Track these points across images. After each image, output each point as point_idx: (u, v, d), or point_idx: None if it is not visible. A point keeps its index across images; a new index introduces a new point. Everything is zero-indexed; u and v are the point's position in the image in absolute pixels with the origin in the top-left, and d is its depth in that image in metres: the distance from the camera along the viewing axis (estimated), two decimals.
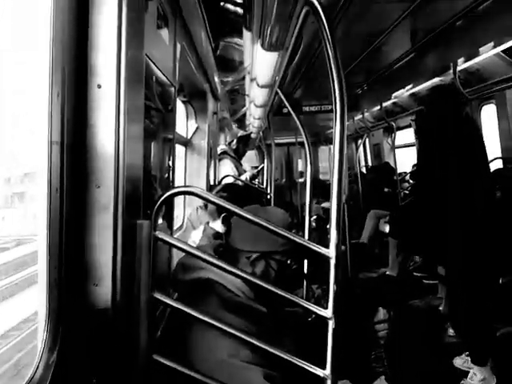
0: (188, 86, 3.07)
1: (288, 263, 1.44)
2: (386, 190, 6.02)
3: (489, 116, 4.11)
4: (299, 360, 1.09)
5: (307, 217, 2.30)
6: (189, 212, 2.73)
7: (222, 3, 2.75)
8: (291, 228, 1.55)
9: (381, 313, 3.91)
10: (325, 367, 1.07)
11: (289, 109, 2.43)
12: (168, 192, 1.15)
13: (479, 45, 3.13)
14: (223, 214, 2.03)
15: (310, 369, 1.08)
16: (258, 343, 1.10)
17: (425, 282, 4.45)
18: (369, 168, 7.85)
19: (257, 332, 1.23)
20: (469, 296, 2.56)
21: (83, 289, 1.03)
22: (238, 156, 4.98)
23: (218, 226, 2.06)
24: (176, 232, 2.59)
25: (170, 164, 1.85)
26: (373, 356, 3.06)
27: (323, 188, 6.83)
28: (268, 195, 4.48)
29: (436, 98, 2.89)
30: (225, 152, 4.68)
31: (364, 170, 7.72)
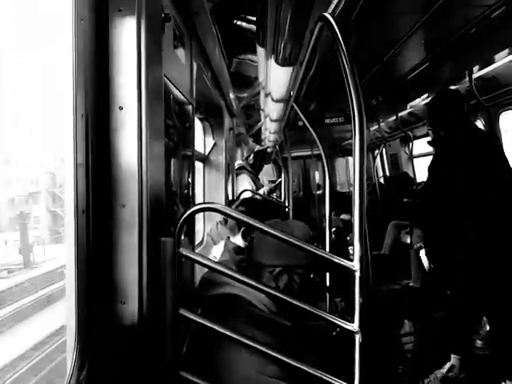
0: (204, 104, 3.12)
1: (311, 277, 1.43)
2: (406, 201, 5.94)
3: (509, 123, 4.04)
4: (326, 375, 1.08)
5: (327, 229, 2.29)
6: (209, 227, 2.74)
7: (236, 21, 2.79)
8: (312, 241, 1.54)
9: (406, 325, 3.82)
10: (353, 382, 1.06)
11: (305, 122, 2.44)
12: (191, 209, 1.16)
13: (495, 51, 3.10)
14: (242, 228, 2.03)
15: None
16: (285, 358, 1.09)
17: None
18: (387, 178, 7.77)
19: (282, 346, 1.22)
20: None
21: (111, 307, 1.04)
22: (256, 170, 5.01)
23: (239, 241, 2.06)
24: (197, 247, 2.60)
25: (190, 180, 1.88)
26: (400, 370, 2.99)
27: (341, 199, 6.77)
28: (286, 208, 4.47)
29: (440, 107, 2.86)
30: (242, 167, 4.71)
31: (382, 181, 7.65)
